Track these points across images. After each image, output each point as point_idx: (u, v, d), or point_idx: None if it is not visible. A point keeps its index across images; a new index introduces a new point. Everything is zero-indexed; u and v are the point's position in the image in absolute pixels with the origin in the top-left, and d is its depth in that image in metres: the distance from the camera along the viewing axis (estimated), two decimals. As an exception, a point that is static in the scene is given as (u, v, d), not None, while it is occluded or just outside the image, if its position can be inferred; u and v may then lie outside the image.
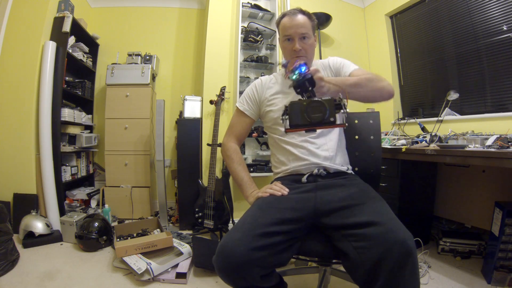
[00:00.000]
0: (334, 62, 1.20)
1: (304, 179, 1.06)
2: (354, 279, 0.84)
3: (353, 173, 1.19)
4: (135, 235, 2.11)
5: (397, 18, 2.87)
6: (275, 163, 1.21)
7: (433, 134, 1.86)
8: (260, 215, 0.93)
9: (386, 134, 2.38)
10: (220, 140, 2.33)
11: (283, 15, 1.15)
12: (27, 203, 2.15)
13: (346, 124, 0.74)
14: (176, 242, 1.85)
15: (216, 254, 0.84)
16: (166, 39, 3.20)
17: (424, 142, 1.85)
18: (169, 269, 1.62)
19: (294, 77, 0.78)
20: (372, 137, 1.31)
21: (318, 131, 1.10)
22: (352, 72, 1.12)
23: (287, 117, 0.75)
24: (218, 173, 2.38)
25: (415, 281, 0.74)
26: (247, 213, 0.97)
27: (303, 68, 0.78)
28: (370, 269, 0.76)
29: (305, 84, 0.77)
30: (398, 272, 0.72)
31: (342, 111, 0.74)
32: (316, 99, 0.73)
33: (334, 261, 1.05)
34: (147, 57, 2.88)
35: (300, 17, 1.11)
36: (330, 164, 1.09)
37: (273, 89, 1.21)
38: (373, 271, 0.75)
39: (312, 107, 0.72)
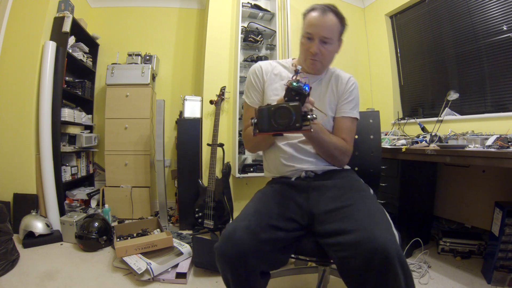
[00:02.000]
0: (347, 88, 1.09)
1: (293, 179, 1.05)
2: (346, 285, 0.83)
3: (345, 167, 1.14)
4: (135, 235, 2.10)
5: (397, 18, 2.87)
6: (265, 166, 1.19)
7: (433, 134, 1.86)
8: (263, 206, 0.94)
9: (386, 134, 2.38)
10: (220, 140, 2.33)
11: (313, 8, 1.02)
12: (27, 203, 2.15)
13: (312, 130, 0.76)
14: (176, 242, 1.85)
15: (222, 240, 0.83)
16: (166, 39, 3.20)
17: (424, 142, 1.85)
18: (169, 269, 1.62)
19: (294, 84, 0.80)
20: (371, 137, 1.31)
21: None
22: (345, 119, 1.07)
23: (256, 121, 0.77)
24: (218, 173, 2.38)
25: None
26: (249, 205, 0.97)
27: (307, 88, 0.80)
28: (357, 278, 0.75)
29: (295, 96, 0.79)
30: (382, 281, 0.71)
31: (309, 119, 0.75)
32: (283, 105, 0.75)
33: (332, 261, 1.06)
34: (147, 57, 2.88)
35: (330, 18, 0.99)
36: (317, 167, 1.05)
37: (277, 84, 1.11)
38: (361, 280, 0.75)
39: (279, 113, 0.74)
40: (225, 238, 0.83)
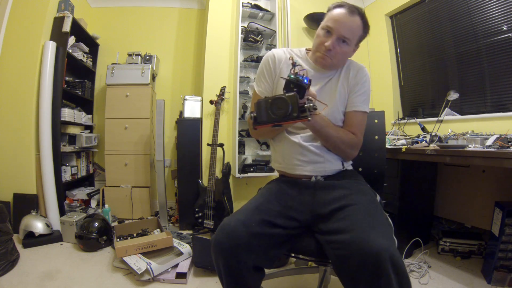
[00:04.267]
0: (359, 80, 1.05)
1: (302, 179, 1.04)
2: (342, 283, 0.82)
3: (351, 168, 1.13)
4: (135, 235, 2.10)
5: (397, 18, 2.87)
6: (273, 157, 1.17)
7: (433, 134, 1.86)
8: (263, 203, 0.95)
9: (386, 134, 2.38)
10: (220, 140, 2.33)
11: (341, 5, 0.98)
12: (27, 203, 2.15)
13: (310, 119, 0.76)
14: (176, 242, 1.85)
15: (218, 231, 0.87)
16: (166, 39, 3.20)
17: (424, 142, 1.85)
18: (169, 269, 1.62)
19: (291, 76, 0.80)
20: (376, 137, 1.29)
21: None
22: (356, 113, 1.04)
23: (255, 114, 0.79)
24: (218, 173, 2.38)
25: None
26: (250, 200, 0.99)
27: (306, 80, 0.79)
28: (351, 277, 0.75)
29: (294, 88, 0.79)
30: (374, 284, 0.70)
31: (306, 108, 0.75)
32: (279, 95, 0.77)
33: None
34: (147, 57, 2.88)
35: (356, 19, 0.96)
36: (327, 167, 1.03)
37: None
38: (355, 280, 0.75)
39: (276, 104, 0.76)
40: (220, 228, 0.87)
